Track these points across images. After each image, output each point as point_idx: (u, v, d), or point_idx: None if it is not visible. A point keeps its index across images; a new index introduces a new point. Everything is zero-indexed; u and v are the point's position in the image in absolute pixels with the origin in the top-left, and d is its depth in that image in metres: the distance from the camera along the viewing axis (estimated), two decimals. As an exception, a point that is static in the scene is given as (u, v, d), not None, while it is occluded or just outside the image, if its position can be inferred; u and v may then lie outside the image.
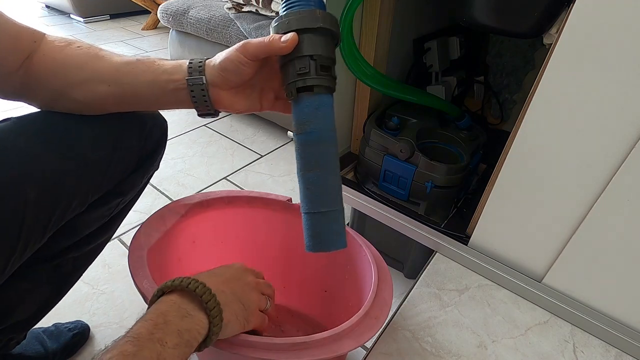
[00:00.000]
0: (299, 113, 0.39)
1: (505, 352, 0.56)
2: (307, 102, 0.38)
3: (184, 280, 0.37)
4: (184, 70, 0.40)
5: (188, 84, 0.39)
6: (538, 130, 0.52)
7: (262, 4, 1.18)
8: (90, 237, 0.51)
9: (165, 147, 0.54)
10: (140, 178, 0.52)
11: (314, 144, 0.39)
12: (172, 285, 0.36)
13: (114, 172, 0.46)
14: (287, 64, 0.38)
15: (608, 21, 0.42)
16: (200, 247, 0.65)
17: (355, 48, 0.66)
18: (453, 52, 0.87)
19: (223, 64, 0.39)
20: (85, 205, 0.44)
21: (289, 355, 0.40)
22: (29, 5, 2.89)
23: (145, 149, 0.49)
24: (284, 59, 0.39)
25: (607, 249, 0.53)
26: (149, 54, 2.10)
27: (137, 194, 0.55)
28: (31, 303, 0.49)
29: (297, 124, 0.39)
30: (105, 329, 0.73)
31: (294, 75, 0.38)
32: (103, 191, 0.46)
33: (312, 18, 0.37)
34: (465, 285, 0.65)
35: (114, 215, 0.53)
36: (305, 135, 0.38)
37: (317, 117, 0.38)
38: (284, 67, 0.39)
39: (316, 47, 0.37)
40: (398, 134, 0.72)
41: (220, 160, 1.25)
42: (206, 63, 0.40)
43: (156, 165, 0.55)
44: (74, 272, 0.54)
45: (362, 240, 0.60)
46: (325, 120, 0.39)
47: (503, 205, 0.60)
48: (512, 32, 0.60)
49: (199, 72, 0.39)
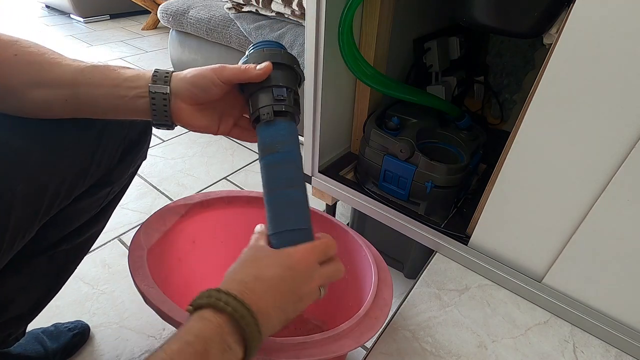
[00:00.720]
0: (274, 134, 0.41)
1: (505, 352, 0.56)
2: (283, 124, 0.41)
3: (238, 307, 0.32)
4: (147, 78, 0.39)
5: (150, 91, 0.39)
6: (538, 130, 0.51)
7: (262, 4, 1.18)
8: (82, 229, 0.51)
9: (151, 137, 0.55)
10: (127, 168, 0.52)
11: (289, 161, 0.41)
12: (224, 306, 0.31)
13: (100, 163, 0.46)
14: (261, 90, 0.41)
15: (608, 21, 0.42)
16: (200, 247, 0.65)
17: (355, 48, 0.66)
18: (453, 52, 0.87)
19: (194, 79, 0.40)
20: (73, 197, 0.44)
21: (289, 355, 0.40)
22: (29, 5, 2.89)
23: (130, 139, 0.50)
24: (255, 87, 0.41)
25: (607, 249, 0.53)
26: (149, 54, 2.10)
27: (125, 184, 0.56)
28: (27, 297, 0.50)
29: (271, 144, 0.41)
30: (105, 329, 0.73)
31: (271, 100, 0.40)
32: (90, 182, 0.46)
33: (285, 56, 0.42)
34: (465, 285, 0.65)
35: (105, 206, 0.53)
36: (280, 154, 0.40)
37: (291, 139, 0.41)
38: (257, 93, 0.41)
39: (291, 81, 0.42)
40: (398, 134, 0.72)
41: (220, 160, 1.25)
42: (173, 75, 0.40)
43: (143, 155, 0.55)
44: (68, 265, 0.54)
45: (362, 240, 0.60)
46: (297, 143, 0.42)
47: (503, 205, 0.60)
48: (512, 32, 0.60)
49: (164, 81, 0.39)
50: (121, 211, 1.01)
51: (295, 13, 1.13)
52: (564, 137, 0.50)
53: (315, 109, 0.74)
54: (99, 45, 2.17)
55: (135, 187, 1.09)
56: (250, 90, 0.42)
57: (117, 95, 0.39)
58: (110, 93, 0.39)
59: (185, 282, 0.62)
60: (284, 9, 1.14)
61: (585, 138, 0.48)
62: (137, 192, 1.08)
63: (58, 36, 2.29)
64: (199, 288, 0.35)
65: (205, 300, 0.32)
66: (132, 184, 0.59)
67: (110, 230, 0.95)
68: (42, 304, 0.53)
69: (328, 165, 0.84)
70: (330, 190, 0.81)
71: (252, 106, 0.41)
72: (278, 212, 0.40)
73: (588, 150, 0.49)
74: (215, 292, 0.32)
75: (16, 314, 0.49)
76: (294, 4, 1.10)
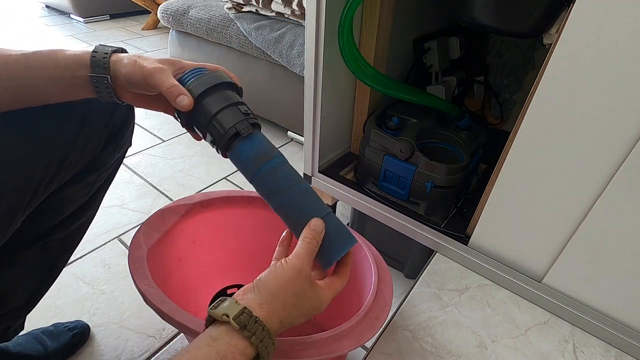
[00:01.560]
0: (260, 144, 0.41)
1: (505, 352, 0.56)
2: (260, 134, 0.42)
3: (270, 350, 0.34)
4: (87, 65, 0.39)
5: (92, 80, 0.39)
6: (538, 130, 0.51)
7: (262, 4, 1.18)
8: (73, 217, 0.52)
9: (134, 123, 0.55)
10: (111, 154, 0.52)
11: (286, 163, 0.42)
12: (262, 348, 0.33)
13: (84, 150, 0.46)
14: (225, 109, 0.40)
15: (608, 21, 0.42)
16: (200, 247, 0.65)
17: (355, 48, 0.66)
18: (453, 52, 0.87)
19: (127, 76, 0.40)
20: (57, 184, 0.44)
21: (289, 355, 0.40)
22: (29, 5, 2.89)
23: (113, 124, 0.50)
24: (212, 110, 0.40)
25: (607, 249, 0.53)
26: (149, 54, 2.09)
27: (112, 171, 0.56)
28: (22, 289, 0.50)
29: (265, 152, 0.41)
30: (105, 329, 0.73)
31: (241, 115, 0.41)
32: (76, 169, 0.46)
33: (221, 76, 0.42)
34: (465, 285, 0.65)
35: (93, 194, 0.53)
36: (277, 158, 0.41)
37: (272, 144, 0.42)
38: (221, 114, 0.40)
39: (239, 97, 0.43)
40: (398, 134, 0.72)
41: (220, 160, 1.25)
42: (112, 60, 0.40)
43: (128, 142, 0.55)
44: (62, 255, 0.55)
45: (362, 240, 0.60)
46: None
47: (503, 205, 0.60)
48: (512, 32, 0.60)
49: (103, 68, 0.39)
50: (121, 211, 1.01)
51: (295, 13, 1.13)
52: (564, 137, 0.50)
53: (315, 109, 0.74)
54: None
55: (135, 187, 1.09)
56: (191, 117, 0.41)
57: (60, 83, 0.39)
58: (52, 81, 0.39)
59: (185, 282, 0.62)
60: (284, 9, 1.14)
61: (585, 138, 0.48)
62: (137, 192, 1.08)
63: (58, 36, 2.29)
64: (199, 288, 0.35)
65: (247, 332, 0.32)
66: (132, 184, 0.59)
67: (110, 230, 0.95)
68: (38, 295, 0.54)
69: (328, 165, 0.84)
70: (330, 190, 0.81)
71: (219, 127, 0.40)
72: (308, 202, 0.41)
73: (588, 150, 0.49)
74: (259, 329, 0.33)
75: (14, 306, 0.50)
76: (294, 4, 1.10)
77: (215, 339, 0.32)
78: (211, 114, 0.40)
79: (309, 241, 0.38)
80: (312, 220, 0.39)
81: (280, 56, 1.15)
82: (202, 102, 0.40)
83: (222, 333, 0.32)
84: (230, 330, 0.33)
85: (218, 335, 0.32)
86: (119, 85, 0.41)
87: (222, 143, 0.40)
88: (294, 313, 0.37)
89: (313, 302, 0.38)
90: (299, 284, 0.37)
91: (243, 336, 0.32)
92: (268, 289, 0.36)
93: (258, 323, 0.33)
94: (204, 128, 0.41)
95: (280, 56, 1.15)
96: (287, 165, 0.42)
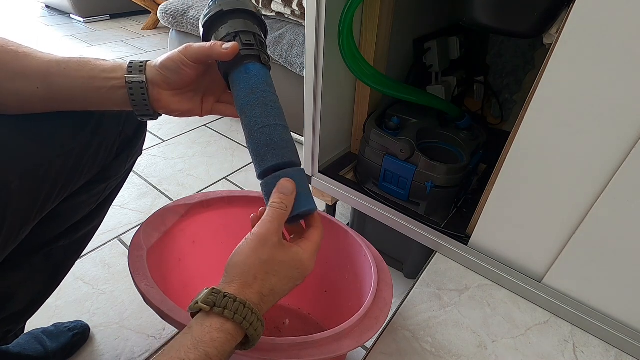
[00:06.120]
0: (257, 75, 0.41)
1: (505, 352, 0.56)
2: (259, 67, 0.42)
3: (258, 328, 0.34)
4: (124, 69, 0.39)
5: (127, 81, 0.39)
6: (538, 130, 0.51)
7: (262, 4, 1.18)
8: (79, 225, 0.52)
9: (146, 133, 0.55)
10: (123, 163, 0.52)
11: (275, 99, 0.41)
12: (247, 326, 0.33)
13: (96, 159, 0.46)
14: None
15: (608, 21, 0.42)
16: (200, 247, 0.65)
17: (355, 48, 0.66)
18: (453, 52, 0.87)
19: (164, 62, 0.40)
20: (69, 192, 0.44)
21: (289, 355, 0.40)
22: (28, 5, 2.89)
23: (125, 134, 0.50)
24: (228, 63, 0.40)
25: (607, 248, 0.53)
26: (149, 54, 2.10)
27: (122, 180, 0.56)
28: (25, 294, 0.50)
29: (256, 85, 0.40)
30: (105, 329, 0.73)
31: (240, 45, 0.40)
32: (87, 178, 0.46)
33: (244, 2, 0.42)
34: (465, 285, 0.65)
35: (101, 202, 0.53)
36: (268, 90, 0.41)
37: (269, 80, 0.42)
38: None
39: (254, 26, 0.43)
40: (398, 134, 0.72)
41: (220, 160, 1.25)
42: (147, 64, 0.41)
43: (139, 151, 0.55)
44: (66, 261, 0.54)
45: (362, 240, 0.60)
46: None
47: (503, 205, 0.60)
48: (512, 32, 0.60)
49: (139, 71, 0.40)
50: (121, 211, 1.01)
51: (295, 13, 1.13)
52: (564, 137, 0.50)
53: (315, 109, 0.74)
54: (98, 46, 2.17)
55: (135, 187, 1.09)
56: (225, 66, 0.41)
57: (94, 86, 0.39)
58: (87, 85, 0.39)
59: (185, 282, 0.62)
60: (284, 9, 1.14)
61: (585, 138, 0.48)
62: (137, 192, 1.08)
63: (58, 36, 2.28)
64: (199, 288, 0.35)
65: (217, 308, 0.32)
66: (132, 184, 0.59)
67: (110, 230, 0.95)
68: (40, 301, 0.54)
69: (328, 166, 0.84)
70: (330, 190, 0.81)
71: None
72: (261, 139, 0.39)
73: (588, 150, 0.49)
74: (230, 302, 0.33)
75: (15, 311, 0.49)
76: (294, 4, 1.10)
77: (190, 327, 0.33)
78: (223, 69, 0.42)
79: (277, 206, 0.37)
80: (281, 181, 0.38)
81: (280, 56, 1.15)
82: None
83: (196, 320, 0.33)
84: (203, 314, 0.33)
85: (193, 323, 0.33)
86: (155, 85, 0.40)
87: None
88: (273, 280, 0.36)
89: (291, 264, 0.37)
90: (266, 251, 0.36)
91: (215, 314, 0.32)
92: (235, 266, 0.36)
93: (228, 297, 0.33)
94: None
95: (280, 56, 1.15)
96: (276, 102, 0.42)
